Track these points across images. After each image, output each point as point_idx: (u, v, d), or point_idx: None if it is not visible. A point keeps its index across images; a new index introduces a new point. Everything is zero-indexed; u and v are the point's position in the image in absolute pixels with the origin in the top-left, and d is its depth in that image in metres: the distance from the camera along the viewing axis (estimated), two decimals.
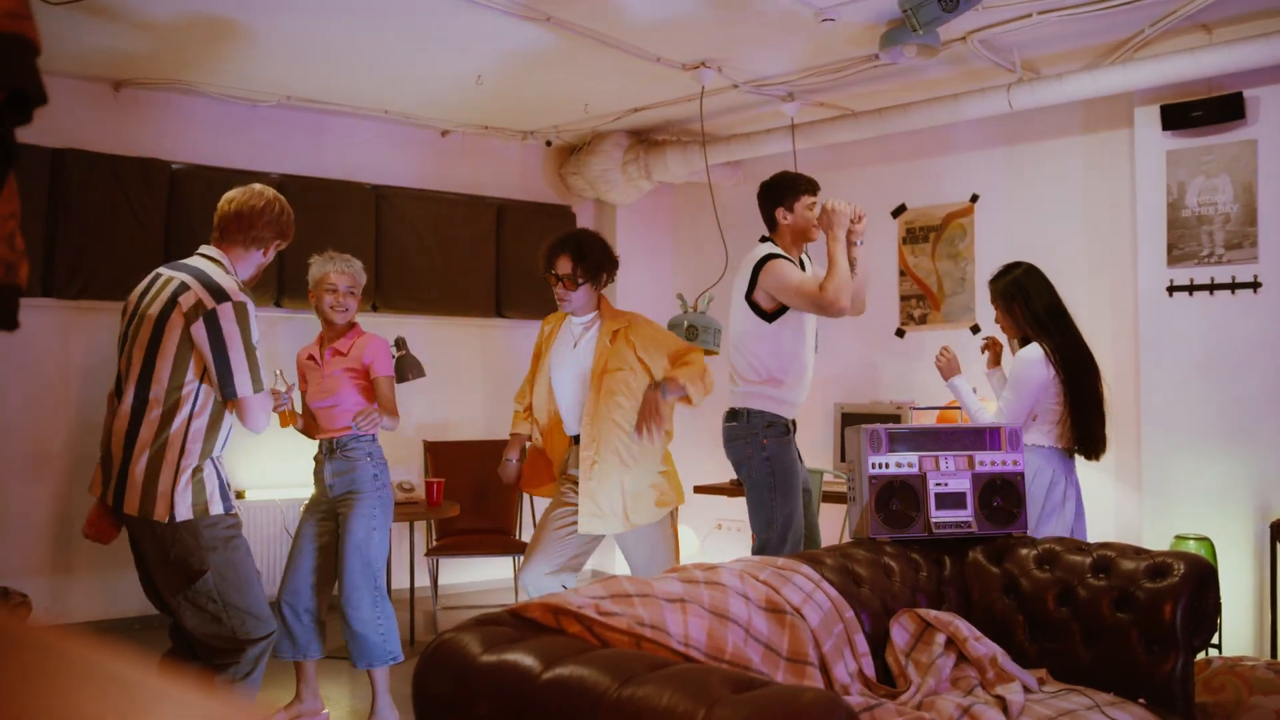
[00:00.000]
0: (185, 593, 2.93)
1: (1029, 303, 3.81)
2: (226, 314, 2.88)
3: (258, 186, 3.17)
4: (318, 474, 4.00)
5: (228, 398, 2.91)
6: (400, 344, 6.02)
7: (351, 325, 4.06)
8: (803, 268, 4.09)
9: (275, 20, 4.56)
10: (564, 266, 3.81)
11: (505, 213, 6.71)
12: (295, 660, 3.93)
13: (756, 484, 3.97)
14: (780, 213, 4.08)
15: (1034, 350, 3.78)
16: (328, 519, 3.97)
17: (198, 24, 4.61)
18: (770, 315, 3.98)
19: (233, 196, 3.12)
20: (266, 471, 5.76)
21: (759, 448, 3.96)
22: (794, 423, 4.08)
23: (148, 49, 4.93)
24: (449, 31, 4.69)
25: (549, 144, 6.86)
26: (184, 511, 2.88)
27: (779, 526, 3.92)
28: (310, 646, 3.91)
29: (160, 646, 3.22)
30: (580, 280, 3.81)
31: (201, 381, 2.91)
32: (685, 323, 5.80)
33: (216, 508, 2.94)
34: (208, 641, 2.99)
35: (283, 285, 5.80)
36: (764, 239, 4.14)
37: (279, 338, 5.73)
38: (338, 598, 3.90)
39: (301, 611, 3.88)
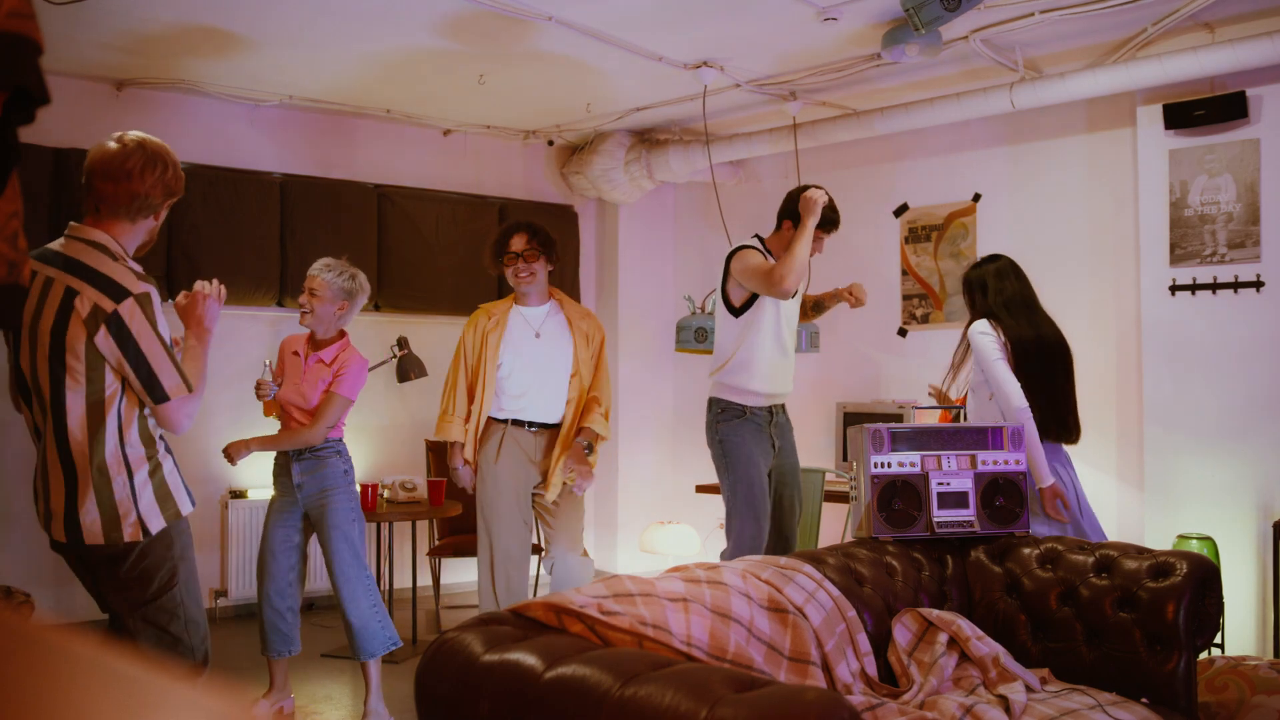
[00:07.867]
0: (145, 610, 2.56)
1: (985, 295, 3.81)
2: (131, 313, 2.41)
3: (130, 139, 2.53)
4: (281, 476, 4.01)
5: (159, 402, 2.47)
6: (402, 343, 6.05)
7: (341, 335, 4.04)
8: None
9: (276, 20, 4.57)
10: (519, 244, 4.15)
11: (507, 212, 6.71)
12: (283, 657, 4.01)
13: (717, 467, 4.17)
14: (787, 225, 4.15)
15: (982, 324, 3.76)
16: (298, 519, 4.00)
17: (200, 24, 4.61)
18: (737, 310, 4.12)
19: (97, 161, 2.50)
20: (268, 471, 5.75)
21: (715, 432, 4.16)
22: (769, 410, 4.17)
23: (150, 49, 4.94)
24: (450, 31, 4.69)
25: (551, 143, 6.86)
26: (157, 523, 2.51)
27: (739, 495, 4.05)
28: (296, 643, 4.03)
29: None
30: (539, 251, 4.13)
31: (123, 385, 2.48)
32: (694, 325, 5.79)
33: (185, 506, 2.58)
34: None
35: (285, 284, 5.81)
36: (755, 236, 4.26)
37: (280, 338, 5.72)
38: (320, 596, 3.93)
39: (285, 610, 3.97)
